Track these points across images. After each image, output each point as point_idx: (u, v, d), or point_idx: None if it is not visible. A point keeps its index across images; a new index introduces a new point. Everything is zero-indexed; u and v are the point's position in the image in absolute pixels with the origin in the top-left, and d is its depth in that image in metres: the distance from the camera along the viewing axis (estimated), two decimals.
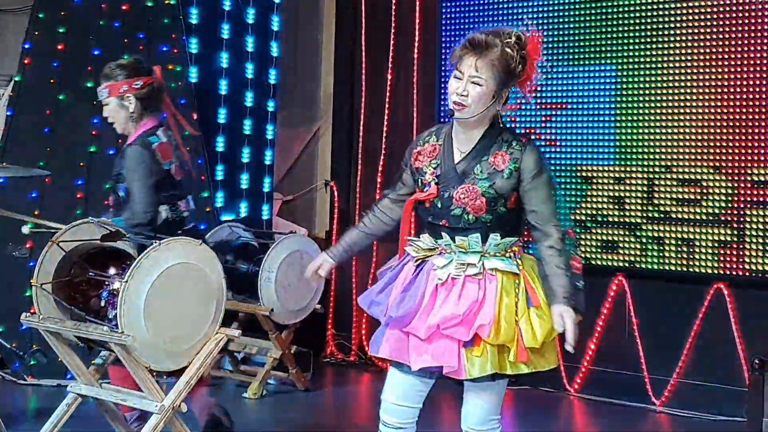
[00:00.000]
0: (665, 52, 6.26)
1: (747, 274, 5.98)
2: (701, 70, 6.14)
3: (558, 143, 6.68)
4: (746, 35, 6.00)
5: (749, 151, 5.99)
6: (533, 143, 3.55)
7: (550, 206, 3.50)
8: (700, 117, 6.15)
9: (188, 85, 6.93)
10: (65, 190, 6.57)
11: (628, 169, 6.41)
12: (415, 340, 3.52)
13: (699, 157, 6.16)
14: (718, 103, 6.08)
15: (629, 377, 6.38)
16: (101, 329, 4.62)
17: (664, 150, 6.28)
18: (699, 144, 6.16)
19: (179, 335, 4.75)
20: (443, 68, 7.17)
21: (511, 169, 3.48)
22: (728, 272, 6.05)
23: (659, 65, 6.29)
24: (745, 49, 5.99)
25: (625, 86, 6.42)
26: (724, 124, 6.07)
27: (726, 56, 6.04)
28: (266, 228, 7.42)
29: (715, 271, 6.09)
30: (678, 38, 6.21)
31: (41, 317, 4.87)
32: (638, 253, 6.36)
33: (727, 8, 6.05)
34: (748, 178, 5.99)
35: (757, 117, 5.96)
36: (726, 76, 6.05)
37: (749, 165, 5.99)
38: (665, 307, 6.31)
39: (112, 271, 4.83)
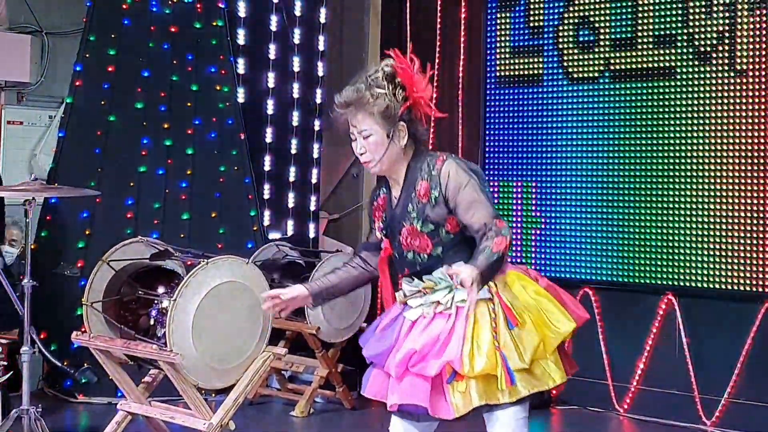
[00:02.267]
0: None
1: None
2: None
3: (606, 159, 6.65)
4: None
5: None
6: (450, 159, 3.45)
7: (477, 209, 3.38)
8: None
9: (235, 105, 6.99)
10: (115, 210, 6.64)
11: (674, 186, 6.36)
12: (392, 379, 3.44)
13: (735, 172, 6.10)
14: None
15: (679, 397, 6.30)
16: (150, 347, 4.66)
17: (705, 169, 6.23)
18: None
19: (227, 353, 4.79)
20: (488, 87, 7.17)
21: (434, 196, 3.42)
22: None
23: None
24: None
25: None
26: None
27: None
28: (312, 246, 7.45)
29: (766, 290, 6.00)
30: None
31: (92, 335, 4.94)
32: (687, 271, 6.29)
33: None
34: None
35: None
36: None
37: None
38: (715, 326, 6.22)
39: (161, 289, 4.90)
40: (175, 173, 6.80)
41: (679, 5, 6.33)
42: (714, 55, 6.21)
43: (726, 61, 6.17)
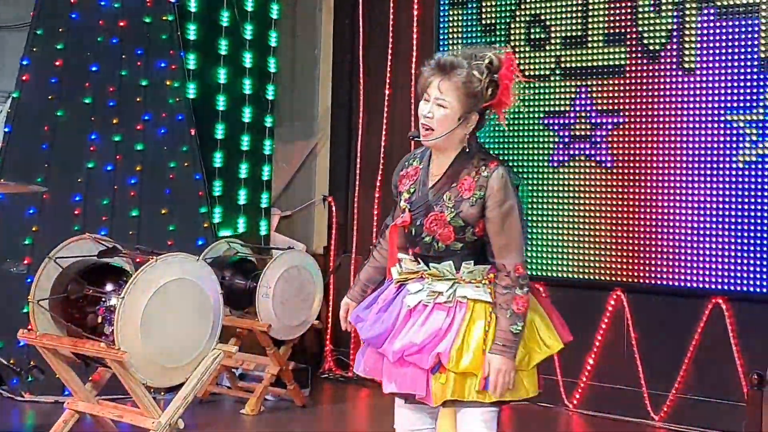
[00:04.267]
0: None
1: (745, 288, 5.97)
2: None
3: (552, 155, 6.69)
4: None
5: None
6: (503, 168, 3.45)
7: (505, 238, 3.42)
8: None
9: (186, 101, 6.93)
10: (63, 206, 6.57)
11: (624, 183, 6.42)
12: (387, 362, 3.51)
13: (696, 171, 6.17)
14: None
15: (628, 392, 6.36)
16: (98, 345, 4.62)
17: (659, 162, 6.29)
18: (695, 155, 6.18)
19: (176, 351, 4.75)
20: None
21: (477, 196, 3.42)
22: (726, 287, 6.03)
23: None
24: None
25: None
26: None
27: None
28: (264, 243, 7.42)
29: (714, 286, 6.08)
30: None
31: (38, 334, 4.88)
32: (636, 268, 6.35)
33: None
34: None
35: None
36: None
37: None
38: (664, 322, 6.29)
39: (109, 287, 4.85)
40: (124, 169, 6.73)
41: (629, 4, 6.40)
42: (662, 53, 6.28)
43: (674, 59, 6.25)
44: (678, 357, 6.19)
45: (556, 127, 6.69)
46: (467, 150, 3.48)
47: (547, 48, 6.73)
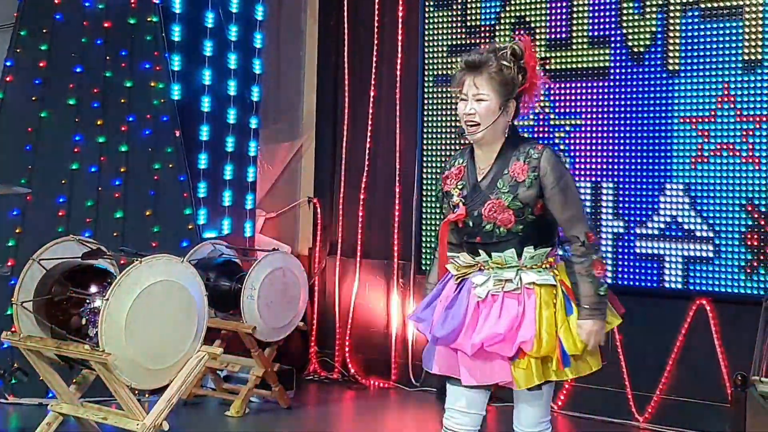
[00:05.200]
0: None
1: (729, 290, 6.00)
2: None
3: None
4: None
5: None
6: (550, 149, 3.68)
7: (570, 211, 3.64)
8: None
9: (171, 102, 6.92)
10: (47, 207, 6.54)
11: (609, 183, 6.44)
12: (463, 356, 3.66)
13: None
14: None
15: (612, 394, 6.37)
16: (82, 348, 4.61)
17: (643, 164, 6.32)
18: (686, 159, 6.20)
19: (161, 353, 4.74)
20: (425, 86, 7.18)
21: (532, 178, 3.62)
22: (711, 288, 6.06)
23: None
24: None
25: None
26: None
27: None
28: (249, 245, 7.41)
29: (698, 287, 6.10)
30: None
31: (22, 336, 4.86)
32: (620, 269, 6.37)
33: None
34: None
35: None
36: None
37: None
38: (648, 323, 6.31)
39: (93, 289, 4.84)
40: (108, 171, 6.72)
41: (614, 7, 6.42)
42: (647, 55, 6.31)
43: (658, 61, 6.27)
44: (662, 358, 6.20)
45: (540, 128, 6.71)
46: (510, 138, 3.70)
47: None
